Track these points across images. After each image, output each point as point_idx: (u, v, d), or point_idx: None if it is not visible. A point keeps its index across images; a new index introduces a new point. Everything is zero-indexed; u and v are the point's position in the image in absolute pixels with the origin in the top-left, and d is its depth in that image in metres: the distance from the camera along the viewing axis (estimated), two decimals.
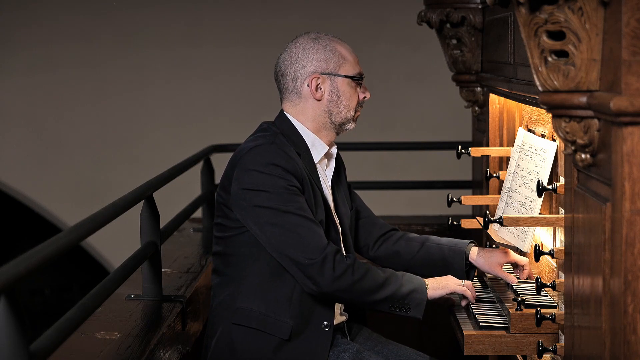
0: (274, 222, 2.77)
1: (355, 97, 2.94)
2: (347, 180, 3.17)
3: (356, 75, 2.93)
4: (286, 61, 2.92)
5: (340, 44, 2.94)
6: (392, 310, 2.86)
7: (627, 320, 1.98)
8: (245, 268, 2.86)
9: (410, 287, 2.86)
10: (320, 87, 2.90)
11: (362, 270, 2.81)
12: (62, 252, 2.15)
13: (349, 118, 2.94)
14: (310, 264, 2.76)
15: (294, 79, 2.91)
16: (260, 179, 2.78)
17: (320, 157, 2.94)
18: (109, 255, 8.05)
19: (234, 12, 8.01)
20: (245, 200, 2.80)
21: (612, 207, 2.02)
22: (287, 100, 2.94)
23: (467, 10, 3.84)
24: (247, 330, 2.84)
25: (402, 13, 7.51)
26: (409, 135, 7.60)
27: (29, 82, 8.09)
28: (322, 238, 2.78)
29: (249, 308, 2.85)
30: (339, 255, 2.79)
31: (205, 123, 7.98)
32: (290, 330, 2.82)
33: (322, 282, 2.77)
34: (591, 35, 2.05)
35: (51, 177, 8.09)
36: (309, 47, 2.90)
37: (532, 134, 3.09)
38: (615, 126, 1.99)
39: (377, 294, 2.82)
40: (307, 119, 2.93)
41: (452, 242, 3.13)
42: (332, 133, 2.96)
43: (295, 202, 2.78)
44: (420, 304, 2.85)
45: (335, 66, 2.90)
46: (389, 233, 3.20)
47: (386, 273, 2.87)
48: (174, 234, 4.04)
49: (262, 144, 2.83)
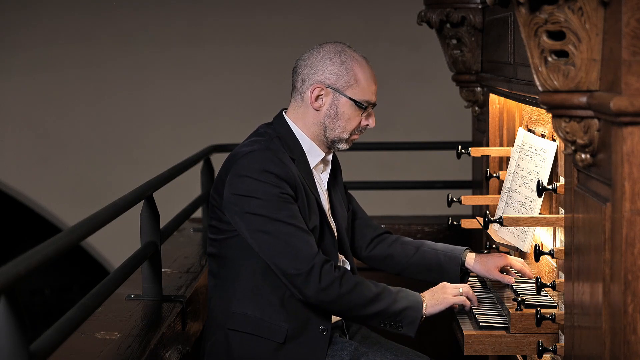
0: (264, 229, 2.75)
1: (356, 121, 2.90)
2: (344, 181, 3.16)
3: (362, 101, 2.88)
4: (304, 61, 2.91)
5: (361, 67, 2.88)
6: (383, 326, 2.82)
7: (627, 320, 1.98)
8: (239, 271, 2.85)
9: (405, 304, 2.81)
10: (321, 98, 2.88)
11: (350, 283, 2.77)
12: (62, 252, 2.15)
13: (342, 139, 2.92)
14: (297, 274, 2.73)
15: (302, 81, 2.90)
16: (252, 185, 2.76)
17: (316, 162, 2.93)
18: (109, 255, 8.04)
19: (234, 12, 8.01)
20: (236, 206, 2.79)
21: (612, 207, 2.02)
22: (293, 99, 2.94)
23: (467, 10, 3.84)
24: (242, 336, 2.83)
25: (402, 13, 7.51)
26: (409, 135, 7.60)
27: (29, 82, 8.08)
28: (311, 248, 2.75)
29: (243, 313, 2.84)
30: (327, 266, 2.75)
31: (205, 123, 7.97)
32: (285, 334, 2.81)
33: (308, 292, 2.74)
34: (591, 35, 2.05)
35: (51, 177, 8.09)
36: (327, 57, 2.87)
37: (532, 134, 3.09)
38: (615, 126, 1.99)
39: (367, 308, 2.78)
40: (304, 124, 2.91)
41: (448, 247, 3.12)
42: (324, 147, 2.94)
43: (287, 210, 2.76)
44: (414, 322, 2.81)
45: (344, 85, 2.87)
46: (383, 235, 3.19)
47: (378, 288, 2.82)
48: (174, 234, 4.04)
49: (256, 149, 2.81)
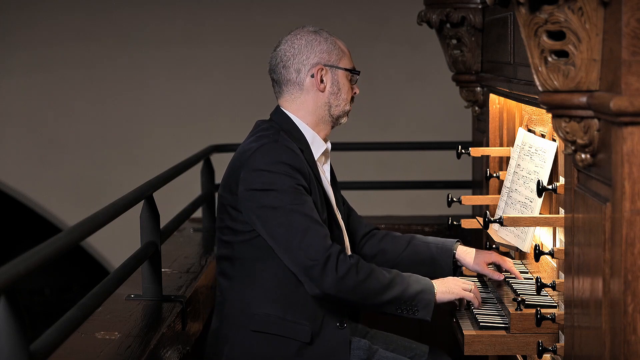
0: (280, 221, 2.74)
1: (351, 91, 2.97)
2: (342, 180, 3.17)
3: (353, 69, 2.96)
4: (288, 52, 2.91)
5: (337, 38, 2.98)
6: (400, 312, 2.80)
7: (627, 320, 1.98)
8: (258, 272, 2.83)
9: (418, 287, 2.81)
10: (324, 78, 2.91)
11: (366, 270, 2.76)
12: (62, 252, 2.15)
13: (346, 111, 2.96)
14: (313, 265, 2.72)
15: (297, 70, 2.90)
16: (268, 178, 2.76)
17: (320, 153, 2.94)
18: (109, 255, 8.04)
19: (234, 12, 8.01)
20: (252, 201, 2.78)
21: (612, 207, 2.02)
22: (287, 93, 2.93)
23: (467, 10, 3.84)
24: (266, 337, 2.81)
25: (402, 13, 7.51)
26: (409, 135, 7.60)
27: (28, 82, 8.08)
28: (326, 239, 2.75)
29: (266, 313, 2.81)
30: (342, 255, 2.74)
31: (205, 123, 7.97)
32: (310, 333, 2.80)
33: (326, 283, 2.72)
34: (591, 35, 2.05)
35: (51, 177, 8.08)
36: (311, 39, 2.92)
37: (532, 134, 3.09)
38: (615, 126, 1.99)
39: (384, 295, 2.77)
40: (306, 113, 2.92)
41: (439, 240, 3.13)
42: (328, 127, 2.96)
43: (302, 202, 2.75)
44: (429, 305, 2.80)
45: (337, 59, 2.93)
46: (373, 232, 3.20)
47: (392, 273, 2.81)
48: (174, 234, 4.04)
49: (266, 142, 2.81)
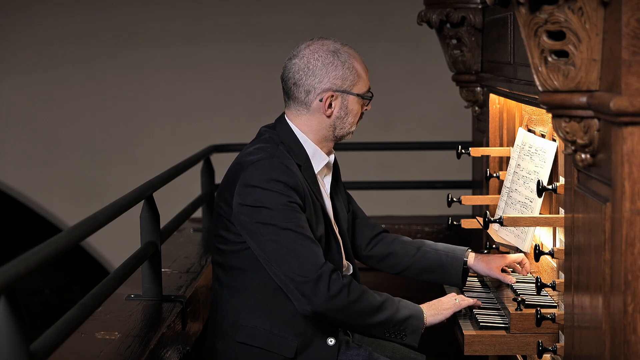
0: (272, 238, 2.74)
1: (360, 112, 2.92)
2: (343, 181, 3.15)
3: (367, 93, 2.90)
4: (301, 71, 2.85)
5: (356, 60, 2.89)
6: (387, 336, 2.81)
7: (627, 320, 1.98)
8: (249, 283, 2.83)
9: (407, 313, 2.81)
10: (332, 103, 2.86)
11: (358, 292, 2.76)
12: (62, 252, 2.15)
13: (350, 132, 2.93)
14: (305, 281, 2.71)
15: (306, 92, 2.86)
16: (261, 195, 2.75)
17: (320, 167, 2.92)
18: (109, 255, 8.04)
19: (234, 12, 8.01)
20: (245, 216, 2.77)
21: (612, 207, 2.02)
22: (294, 108, 2.90)
23: (467, 10, 3.84)
24: (251, 349, 2.81)
25: (402, 13, 7.52)
26: (409, 135, 7.61)
27: (28, 82, 8.09)
28: (319, 257, 2.74)
29: (253, 325, 2.82)
30: (335, 275, 2.74)
31: (205, 123, 7.97)
32: (295, 349, 2.80)
33: (316, 300, 2.71)
34: (591, 35, 2.05)
35: (51, 177, 8.09)
36: (328, 62, 2.84)
37: (532, 134, 3.09)
38: (615, 126, 1.99)
39: (373, 317, 2.78)
40: (310, 130, 2.89)
41: (449, 247, 3.12)
42: (331, 144, 2.94)
43: (295, 219, 2.74)
44: (417, 331, 2.81)
45: (350, 84, 2.86)
46: (382, 234, 3.19)
47: (382, 297, 2.81)
48: (174, 234, 4.04)
49: (262, 158, 2.79)
